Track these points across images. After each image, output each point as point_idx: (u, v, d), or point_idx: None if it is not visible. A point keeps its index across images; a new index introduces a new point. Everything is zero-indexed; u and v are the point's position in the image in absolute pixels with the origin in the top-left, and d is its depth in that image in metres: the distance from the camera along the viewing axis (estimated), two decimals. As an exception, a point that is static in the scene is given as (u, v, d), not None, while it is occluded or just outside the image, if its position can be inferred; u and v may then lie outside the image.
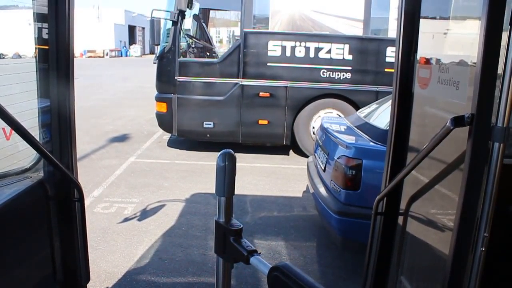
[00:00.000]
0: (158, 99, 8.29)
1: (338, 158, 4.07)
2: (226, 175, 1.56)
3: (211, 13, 12.47)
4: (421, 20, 2.42)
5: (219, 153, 1.57)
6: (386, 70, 7.74)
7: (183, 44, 8.76)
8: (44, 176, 2.47)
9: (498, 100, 1.77)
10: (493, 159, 1.76)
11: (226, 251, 1.60)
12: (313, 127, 8.05)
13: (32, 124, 2.39)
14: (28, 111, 2.45)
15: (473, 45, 1.80)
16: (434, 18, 2.58)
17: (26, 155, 2.49)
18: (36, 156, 2.52)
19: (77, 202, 2.60)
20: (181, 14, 7.89)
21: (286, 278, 1.31)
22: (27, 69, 2.44)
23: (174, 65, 7.98)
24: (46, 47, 2.36)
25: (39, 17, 2.38)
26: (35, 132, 2.45)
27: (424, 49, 2.46)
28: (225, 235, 1.58)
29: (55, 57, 2.34)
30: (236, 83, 8.00)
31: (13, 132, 2.30)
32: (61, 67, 2.37)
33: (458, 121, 1.81)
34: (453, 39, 2.37)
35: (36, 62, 2.40)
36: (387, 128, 4.12)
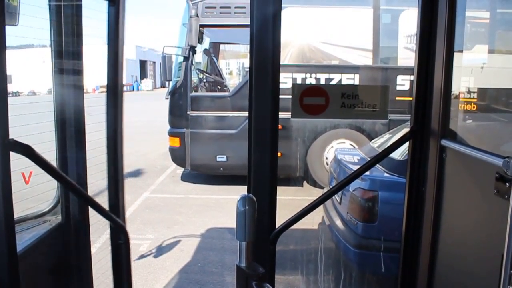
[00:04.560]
0: (171, 134, 8.36)
1: (353, 190, 4.04)
2: (247, 220, 1.55)
3: (221, 46, 12.63)
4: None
5: (239, 197, 1.57)
6: (397, 98, 7.72)
7: (195, 79, 8.87)
8: (62, 220, 2.47)
9: None
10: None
11: (248, 296, 1.57)
12: (326, 158, 8.01)
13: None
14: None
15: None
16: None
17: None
18: (55, 199, 2.52)
19: (123, 245, 2.58)
20: (192, 49, 8.02)
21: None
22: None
23: (186, 99, 8.07)
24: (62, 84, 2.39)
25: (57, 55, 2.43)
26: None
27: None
28: (247, 280, 1.56)
29: (72, 93, 2.37)
30: None
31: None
32: (77, 102, 2.40)
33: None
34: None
35: (53, 99, 2.43)
36: (402, 158, 4.10)
